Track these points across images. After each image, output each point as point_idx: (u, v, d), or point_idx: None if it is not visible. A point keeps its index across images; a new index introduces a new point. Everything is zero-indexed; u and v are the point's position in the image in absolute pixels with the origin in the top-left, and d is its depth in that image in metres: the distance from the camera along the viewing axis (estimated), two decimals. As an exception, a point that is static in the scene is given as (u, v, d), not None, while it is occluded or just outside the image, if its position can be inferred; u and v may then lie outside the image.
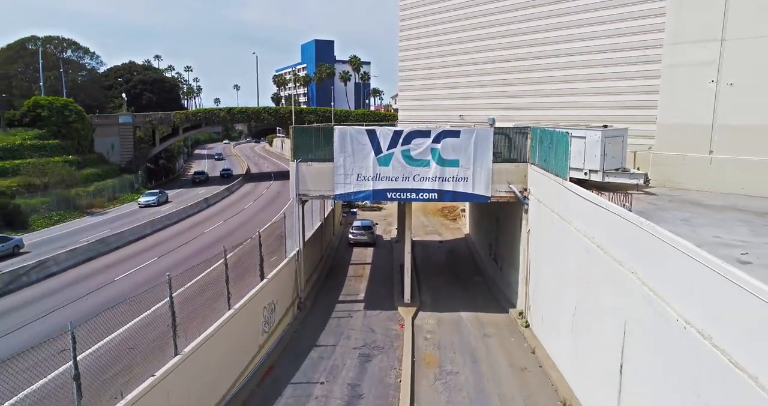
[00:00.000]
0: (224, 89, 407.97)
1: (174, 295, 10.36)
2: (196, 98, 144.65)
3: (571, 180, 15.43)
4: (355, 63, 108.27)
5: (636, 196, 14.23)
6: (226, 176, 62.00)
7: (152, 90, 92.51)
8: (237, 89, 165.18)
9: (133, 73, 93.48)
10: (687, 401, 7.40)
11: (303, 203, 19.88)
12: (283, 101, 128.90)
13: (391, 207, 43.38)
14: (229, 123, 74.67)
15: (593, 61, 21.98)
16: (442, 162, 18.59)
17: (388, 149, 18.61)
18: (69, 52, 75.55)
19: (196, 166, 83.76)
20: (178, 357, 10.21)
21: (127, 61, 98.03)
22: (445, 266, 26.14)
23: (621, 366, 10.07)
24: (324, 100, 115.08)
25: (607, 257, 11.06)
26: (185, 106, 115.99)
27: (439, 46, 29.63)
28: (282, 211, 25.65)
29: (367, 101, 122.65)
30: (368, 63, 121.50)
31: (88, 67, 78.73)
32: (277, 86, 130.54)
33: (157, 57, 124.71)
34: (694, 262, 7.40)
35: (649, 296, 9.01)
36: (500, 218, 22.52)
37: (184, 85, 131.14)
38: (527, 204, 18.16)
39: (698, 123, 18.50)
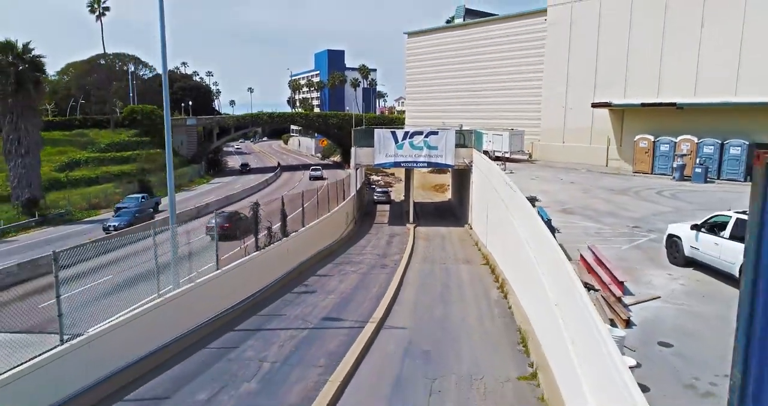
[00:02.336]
0: (235, 90, 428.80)
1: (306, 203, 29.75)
2: (216, 101, 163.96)
3: (496, 158, 34.83)
4: (364, 71, 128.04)
5: (522, 163, 34.07)
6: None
7: (190, 95, 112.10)
8: (251, 91, 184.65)
9: (174, 81, 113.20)
10: (496, 214, 26.75)
11: (357, 169, 39.26)
12: (297, 103, 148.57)
13: (398, 186, 62.53)
14: (271, 125, 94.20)
15: (512, 93, 41.59)
16: (429, 147, 37.74)
17: (401, 140, 37.76)
18: (131, 65, 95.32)
19: (231, 162, 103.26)
20: (327, 214, 29.50)
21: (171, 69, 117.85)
22: (433, 212, 45.43)
23: (487, 216, 29.33)
24: (335, 103, 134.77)
25: (486, 179, 30.33)
26: (215, 108, 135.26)
27: (429, 80, 49.50)
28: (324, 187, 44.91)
29: (378, 106, 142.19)
30: (375, 70, 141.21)
31: (144, 77, 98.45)
32: (292, 90, 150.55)
33: (184, 64, 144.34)
34: (495, 169, 26.72)
35: (492, 186, 28.24)
36: (463, 182, 41.81)
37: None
38: (472, 169, 37.45)
39: (558, 127, 38.09)
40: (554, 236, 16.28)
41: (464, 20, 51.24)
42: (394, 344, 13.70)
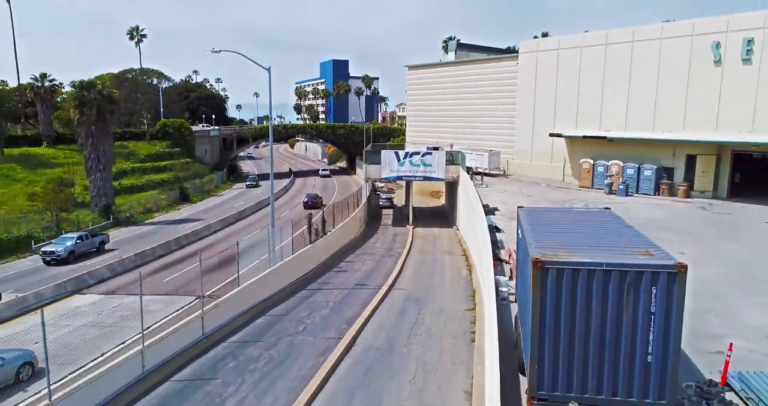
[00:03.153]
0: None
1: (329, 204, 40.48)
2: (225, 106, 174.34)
3: (478, 173, 45.67)
4: (367, 81, 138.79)
5: (498, 178, 44.95)
6: None
7: (206, 104, 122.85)
8: (257, 96, 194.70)
9: (191, 91, 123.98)
10: (470, 219, 37.55)
11: (367, 181, 49.94)
12: (303, 109, 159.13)
13: (400, 192, 73.15)
14: (285, 135, 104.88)
15: (492, 120, 52.53)
16: (425, 165, 48.33)
17: (402, 159, 48.34)
18: (154, 79, 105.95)
19: (245, 167, 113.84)
20: (348, 218, 40.23)
21: (183, 78, 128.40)
22: (429, 215, 56.04)
23: (466, 220, 40.05)
24: (340, 110, 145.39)
25: (466, 190, 41.08)
26: (228, 115, 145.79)
27: (426, 106, 60.45)
28: (335, 190, 55.59)
29: (380, 110, 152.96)
30: (377, 78, 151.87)
31: (164, 88, 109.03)
32: (298, 97, 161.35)
33: (196, 72, 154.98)
34: (471, 187, 37.45)
35: (468, 196, 38.93)
36: (453, 192, 52.54)
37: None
38: (459, 181, 48.20)
39: (527, 149, 48.80)
40: (497, 235, 27.05)
41: (456, 53, 62.04)
42: (399, 296, 24.42)
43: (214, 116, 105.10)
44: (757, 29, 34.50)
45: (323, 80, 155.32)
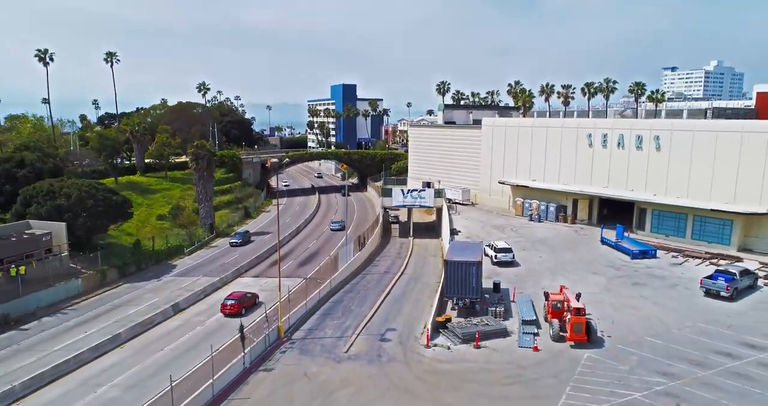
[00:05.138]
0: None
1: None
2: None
3: (456, 203, 75.81)
4: (373, 104, 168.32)
5: (467, 207, 75.18)
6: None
7: (236, 127, 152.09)
8: (269, 109, 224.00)
9: (223, 115, 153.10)
10: (446, 235, 67.22)
11: (383, 208, 79.60)
12: (315, 126, 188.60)
13: (404, 211, 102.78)
14: (310, 160, 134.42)
15: (465, 165, 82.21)
16: (420, 197, 77.94)
17: (405, 193, 77.82)
18: (199, 110, 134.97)
19: (272, 183, 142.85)
20: (373, 235, 69.82)
21: (210, 99, 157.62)
22: (423, 229, 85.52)
23: (446, 233, 69.72)
24: (349, 129, 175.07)
25: (445, 215, 70.71)
26: (254, 135, 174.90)
27: (422, 152, 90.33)
28: (354, 207, 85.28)
29: (383, 124, 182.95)
30: (381, 100, 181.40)
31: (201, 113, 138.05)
32: (310, 115, 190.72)
33: (219, 92, 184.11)
34: (446, 214, 67.07)
35: (446, 220, 68.42)
36: (439, 214, 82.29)
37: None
38: (442, 208, 77.90)
39: (487, 187, 79.13)
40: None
41: (444, 112, 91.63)
42: (405, 277, 54.26)
43: (255, 147, 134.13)
44: (608, 129, 64.02)
45: (333, 101, 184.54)
